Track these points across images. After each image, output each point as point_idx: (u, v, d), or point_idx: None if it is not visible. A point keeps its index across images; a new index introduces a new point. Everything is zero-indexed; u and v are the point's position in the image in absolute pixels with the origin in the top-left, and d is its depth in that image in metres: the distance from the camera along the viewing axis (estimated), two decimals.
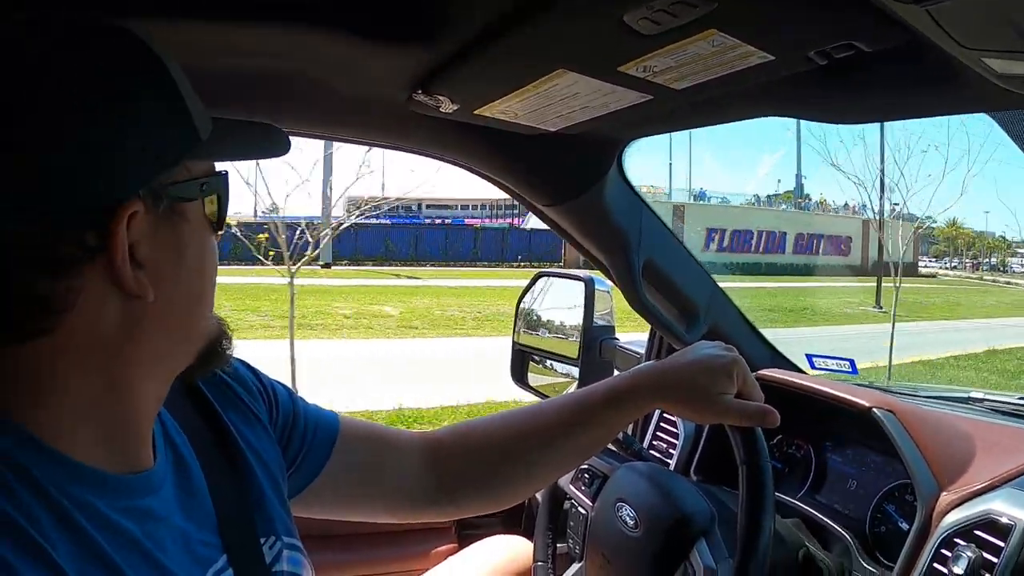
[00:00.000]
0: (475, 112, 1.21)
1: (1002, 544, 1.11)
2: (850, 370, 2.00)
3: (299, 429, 1.03)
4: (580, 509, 1.56)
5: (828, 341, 12.47)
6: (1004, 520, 1.13)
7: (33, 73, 0.63)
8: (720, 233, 43.32)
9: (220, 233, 0.80)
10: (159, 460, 0.77)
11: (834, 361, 2.02)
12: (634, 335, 1.99)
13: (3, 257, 0.63)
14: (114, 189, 0.66)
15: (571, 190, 1.53)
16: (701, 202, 47.03)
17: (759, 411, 1.02)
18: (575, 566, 1.60)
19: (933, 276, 46.10)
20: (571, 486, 1.59)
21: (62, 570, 0.60)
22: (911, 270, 41.78)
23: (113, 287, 0.67)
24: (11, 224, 0.62)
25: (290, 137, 0.84)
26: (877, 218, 12.48)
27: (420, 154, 1.53)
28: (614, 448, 1.56)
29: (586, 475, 1.56)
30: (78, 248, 0.64)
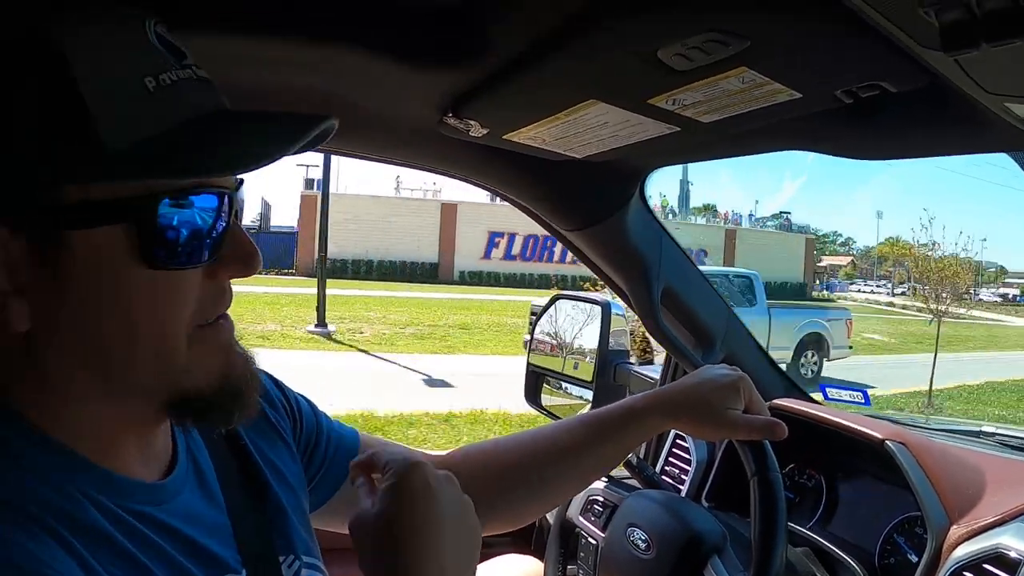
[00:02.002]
0: (504, 137, 1.23)
1: None
2: (863, 401, 2.02)
3: (321, 445, 1.04)
4: (591, 540, 1.57)
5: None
6: (1013, 555, 1.14)
7: None
8: (507, 238, 37.74)
9: (175, 268, 0.67)
10: (177, 473, 0.78)
11: (847, 392, 2.04)
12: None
13: None
14: None
15: (594, 216, 1.55)
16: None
17: (767, 424, 1.06)
18: None
19: (830, 301, 42.06)
20: (580, 518, 1.61)
21: (78, 550, 0.61)
22: (800, 293, 38.71)
23: None
24: None
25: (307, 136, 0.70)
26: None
27: (447, 175, 1.55)
28: (627, 473, 1.58)
29: (596, 506, 1.58)
30: None
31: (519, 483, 1.14)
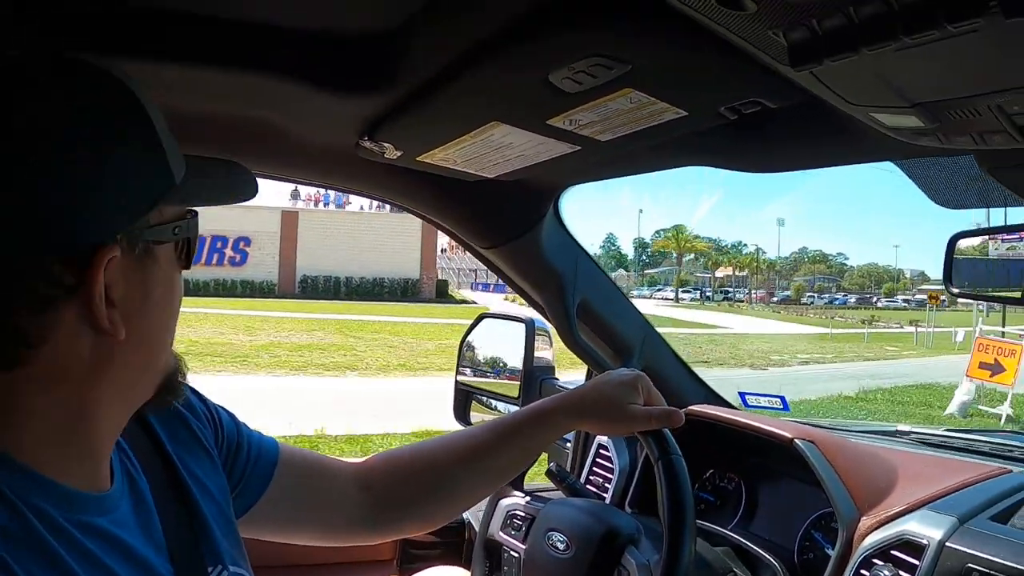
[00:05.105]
0: (417, 159, 1.27)
1: (916, 562, 1.18)
2: (781, 407, 2.07)
3: (242, 454, 1.06)
4: (513, 552, 1.60)
5: None
6: (918, 539, 1.20)
7: (19, 114, 0.66)
8: None
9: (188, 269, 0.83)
10: (116, 484, 0.81)
11: (766, 399, 2.08)
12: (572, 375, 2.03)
13: None
14: (94, 233, 0.68)
15: (509, 233, 1.60)
16: None
17: (664, 413, 1.13)
18: None
19: None
20: (501, 533, 1.64)
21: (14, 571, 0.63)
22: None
23: (86, 324, 0.69)
24: None
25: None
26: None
27: (368, 197, 1.58)
28: (552, 483, 1.61)
29: (516, 520, 1.61)
30: (57, 287, 0.67)
31: (432, 486, 1.19)
